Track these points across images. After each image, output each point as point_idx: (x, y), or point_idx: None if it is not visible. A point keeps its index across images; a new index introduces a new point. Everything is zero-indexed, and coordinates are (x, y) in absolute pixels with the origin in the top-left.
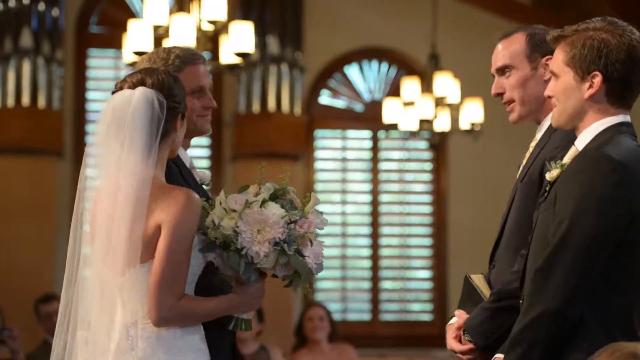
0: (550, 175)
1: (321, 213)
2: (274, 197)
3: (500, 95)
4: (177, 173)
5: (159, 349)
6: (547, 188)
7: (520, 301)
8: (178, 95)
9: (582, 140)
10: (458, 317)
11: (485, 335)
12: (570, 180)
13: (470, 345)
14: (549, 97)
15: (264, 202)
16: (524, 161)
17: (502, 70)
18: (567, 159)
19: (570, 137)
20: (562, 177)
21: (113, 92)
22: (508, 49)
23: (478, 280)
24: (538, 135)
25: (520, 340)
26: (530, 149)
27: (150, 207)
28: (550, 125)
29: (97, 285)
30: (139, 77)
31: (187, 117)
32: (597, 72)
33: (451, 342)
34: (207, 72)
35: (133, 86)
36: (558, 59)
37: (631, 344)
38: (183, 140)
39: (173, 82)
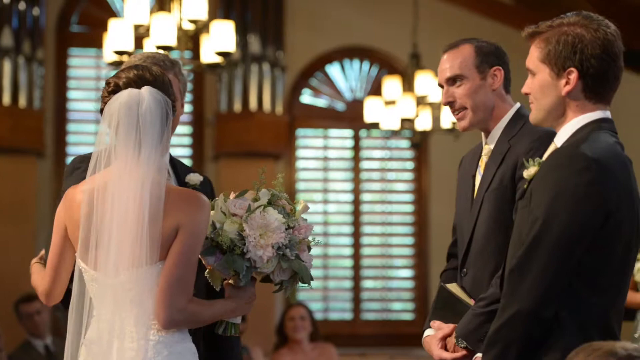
0: (528, 172)
1: (306, 220)
2: (268, 204)
3: (450, 103)
4: None
5: (163, 352)
6: (525, 186)
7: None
8: (170, 91)
9: (561, 137)
10: (437, 328)
11: (483, 340)
12: (544, 179)
13: (463, 352)
14: (526, 94)
15: (264, 207)
16: (481, 170)
17: (453, 80)
18: (546, 156)
19: (542, 139)
20: (537, 175)
21: (109, 91)
22: (457, 59)
23: (455, 289)
24: (491, 143)
25: (496, 341)
26: (485, 158)
27: (165, 208)
28: (504, 131)
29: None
30: (135, 72)
31: None
32: (572, 68)
33: (440, 352)
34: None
35: (134, 84)
36: (533, 56)
37: (609, 342)
38: None
39: (167, 79)
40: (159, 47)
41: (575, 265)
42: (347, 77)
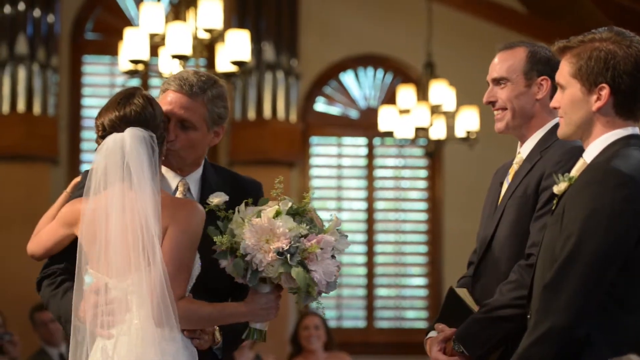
0: (558, 188)
1: (345, 235)
2: (294, 214)
3: (491, 103)
4: None
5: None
6: (555, 201)
7: (528, 316)
8: (157, 118)
9: (590, 152)
10: (440, 330)
11: (480, 345)
12: (579, 195)
13: (458, 357)
14: (555, 108)
15: (277, 213)
16: (509, 178)
17: (497, 81)
18: (574, 171)
19: (572, 152)
20: (570, 190)
21: (99, 136)
22: (507, 62)
23: (463, 294)
24: (524, 152)
25: (528, 357)
26: (515, 167)
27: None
28: (539, 142)
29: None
30: (116, 114)
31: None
32: (604, 85)
33: (437, 355)
34: (180, 103)
35: (118, 126)
36: (564, 71)
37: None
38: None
39: (149, 106)
40: (174, 56)
41: (609, 283)
42: (361, 85)
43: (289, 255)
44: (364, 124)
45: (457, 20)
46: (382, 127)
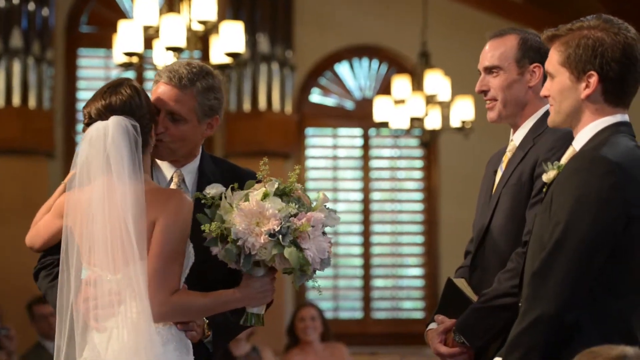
0: (547, 176)
1: (334, 211)
2: (281, 194)
3: (483, 92)
4: None
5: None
6: (544, 189)
7: (519, 304)
8: (143, 108)
9: (580, 140)
10: (440, 322)
11: (480, 335)
12: (566, 182)
13: (460, 348)
14: (545, 96)
15: (265, 195)
16: (503, 166)
17: (489, 70)
18: (564, 159)
19: (565, 138)
20: (558, 178)
21: (85, 123)
22: (498, 50)
23: (461, 284)
24: (516, 140)
25: (518, 345)
26: (508, 154)
27: (146, 207)
28: (531, 129)
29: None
30: (102, 103)
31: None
32: (592, 72)
33: (438, 346)
34: (169, 95)
35: (103, 115)
36: (553, 59)
37: (612, 346)
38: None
39: (136, 96)
40: (168, 49)
41: (597, 270)
42: (356, 76)
43: (280, 236)
44: (359, 115)
45: (452, 10)
46: (378, 117)
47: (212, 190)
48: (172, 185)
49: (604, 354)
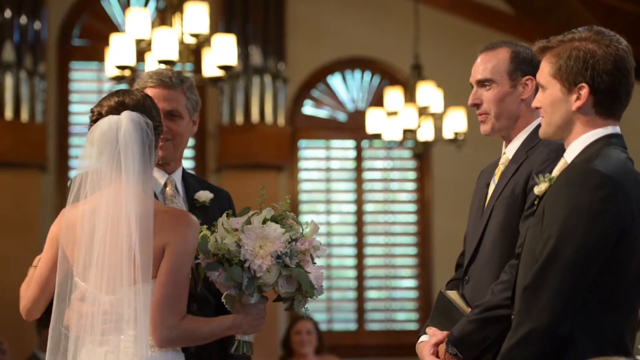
0: (539, 189)
1: (320, 242)
2: (274, 221)
3: (476, 105)
4: None
5: None
6: (536, 202)
7: (512, 317)
8: (153, 110)
9: (571, 152)
10: (432, 334)
11: (473, 347)
12: (558, 195)
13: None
14: (537, 108)
15: (265, 220)
16: (496, 179)
17: (482, 83)
18: (556, 171)
19: (558, 151)
20: (550, 191)
21: (92, 120)
22: (490, 63)
23: (454, 296)
24: (509, 153)
25: (510, 358)
26: (501, 167)
27: (154, 227)
28: (524, 142)
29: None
30: (116, 99)
31: None
32: (583, 84)
33: (430, 359)
34: (164, 96)
35: (115, 110)
36: (544, 71)
37: (612, 357)
38: (162, 165)
39: (147, 99)
40: (160, 62)
41: (590, 283)
42: (348, 88)
43: (288, 258)
44: (352, 127)
45: (444, 22)
46: (370, 129)
47: (203, 196)
48: (168, 191)
49: None
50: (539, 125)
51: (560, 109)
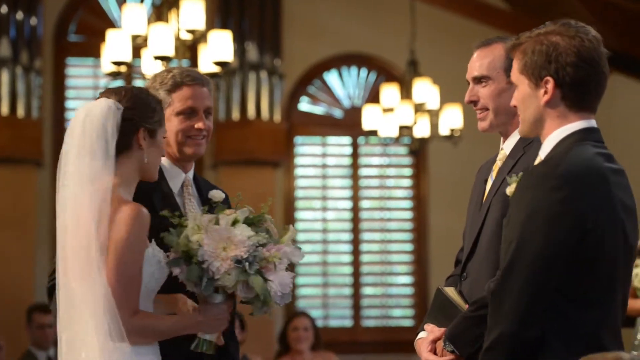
0: (510, 189)
1: (299, 248)
2: (250, 223)
3: (473, 102)
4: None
5: None
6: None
7: None
8: (141, 110)
9: (545, 149)
10: (430, 331)
11: (470, 343)
12: (519, 199)
13: (451, 356)
14: (514, 107)
15: (235, 222)
16: (494, 175)
17: (478, 80)
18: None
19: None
20: (514, 193)
21: None
22: (486, 59)
23: (452, 293)
24: (506, 149)
25: None
26: (499, 163)
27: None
28: (522, 137)
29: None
30: (107, 92)
31: (174, 138)
32: (548, 78)
33: (427, 355)
34: (203, 94)
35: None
36: (515, 69)
37: (612, 352)
38: (178, 162)
39: (144, 97)
40: (156, 58)
41: (556, 284)
42: (345, 84)
43: (247, 264)
44: (348, 123)
45: (440, 18)
46: (366, 126)
47: (216, 195)
48: (185, 191)
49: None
50: None
51: (531, 105)
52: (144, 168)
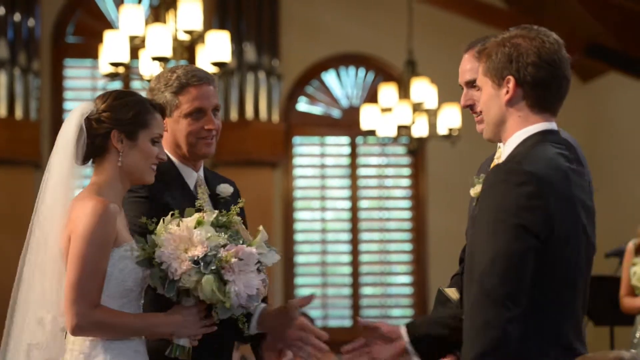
0: (475, 190)
1: (274, 250)
2: (219, 226)
3: (469, 106)
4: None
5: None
6: (475, 204)
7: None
8: (115, 113)
9: (506, 150)
10: None
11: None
12: (485, 197)
13: (451, 357)
14: (481, 111)
15: (199, 223)
16: None
17: (472, 84)
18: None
19: None
20: (480, 193)
21: None
22: (477, 62)
23: (453, 293)
24: (506, 150)
25: None
26: (496, 161)
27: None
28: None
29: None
30: (97, 96)
31: (184, 140)
32: (509, 77)
33: None
34: (210, 93)
35: None
36: (480, 72)
37: (613, 351)
38: (189, 162)
39: (122, 100)
40: (154, 59)
41: (525, 282)
42: (342, 84)
43: (202, 264)
44: (347, 123)
45: (438, 18)
46: (365, 125)
47: (224, 190)
48: (199, 191)
49: (600, 358)
50: None
51: (494, 106)
52: (125, 171)
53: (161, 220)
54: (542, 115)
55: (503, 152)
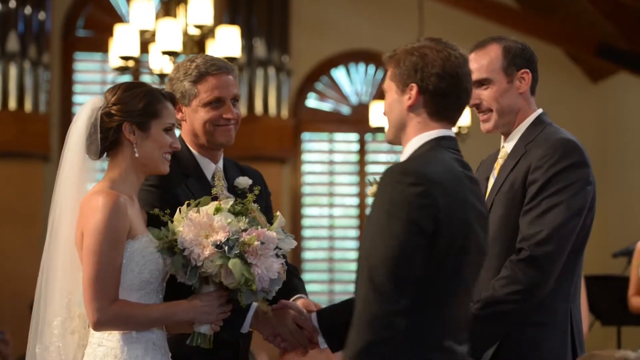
0: (371, 191)
1: (291, 236)
2: (236, 213)
3: (476, 105)
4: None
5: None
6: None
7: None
8: (124, 105)
9: (405, 154)
10: None
11: (475, 342)
12: (379, 194)
13: None
14: (384, 114)
15: (217, 210)
16: (495, 173)
17: (479, 83)
18: None
19: (556, 146)
20: (376, 192)
21: None
22: (484, 61)
23: None
24: (508, 147)
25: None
26: (500, 161)
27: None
28: (522, 136)
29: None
30: (107, 90)
31: (202, 129)
32: (413, 84)
33: None
34: (229, 82)
35: None
36: (387, 76)
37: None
38: (207, 152)
39: (131, 92)
40: (164, 53)
41: (411, 281)
42: (352, 81)
43: (227, 248)
44: (356, 120)
45: (449, 16)
46: (374, 122)
47: (242, 181)
48: (217, 182)
49: (606, 357)
50: (536, 119)
51: (396, 109)
52: (140, 162)
53: (177, 209)
54: (441, 122)
55: (402, 154)
